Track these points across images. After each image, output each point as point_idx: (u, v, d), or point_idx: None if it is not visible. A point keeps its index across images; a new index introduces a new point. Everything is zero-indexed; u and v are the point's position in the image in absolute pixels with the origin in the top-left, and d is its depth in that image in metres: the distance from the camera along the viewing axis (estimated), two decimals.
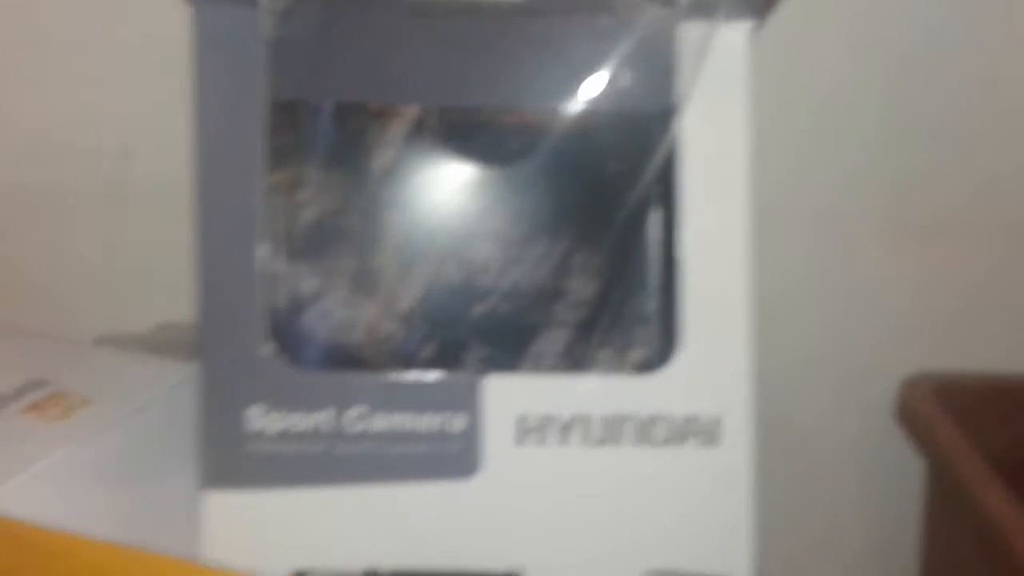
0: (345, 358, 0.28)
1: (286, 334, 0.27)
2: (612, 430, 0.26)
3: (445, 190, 0.29)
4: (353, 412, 0.26)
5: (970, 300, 0.38)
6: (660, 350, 0.28)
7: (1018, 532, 0.28)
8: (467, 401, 0.26)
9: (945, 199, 0.37)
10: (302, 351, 0.28)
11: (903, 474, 0.37)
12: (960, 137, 0.37)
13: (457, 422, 0.26)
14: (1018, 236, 0.38)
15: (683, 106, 0.26)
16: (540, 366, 0.28)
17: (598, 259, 0.29)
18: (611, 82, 0.27)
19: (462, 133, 0.29)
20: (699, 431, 0.26)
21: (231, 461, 0.25)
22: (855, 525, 0.39)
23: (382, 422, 0.26)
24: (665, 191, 0.27)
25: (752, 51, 0.26)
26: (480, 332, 0.29)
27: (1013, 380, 0.37)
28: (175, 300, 0.35)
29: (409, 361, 0.28)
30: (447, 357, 0.28)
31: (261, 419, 0.26)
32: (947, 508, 0.34)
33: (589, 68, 0.27)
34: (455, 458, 0.26)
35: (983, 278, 0.38)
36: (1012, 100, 0.37)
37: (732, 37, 0.26)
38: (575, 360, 0.28)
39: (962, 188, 0.37)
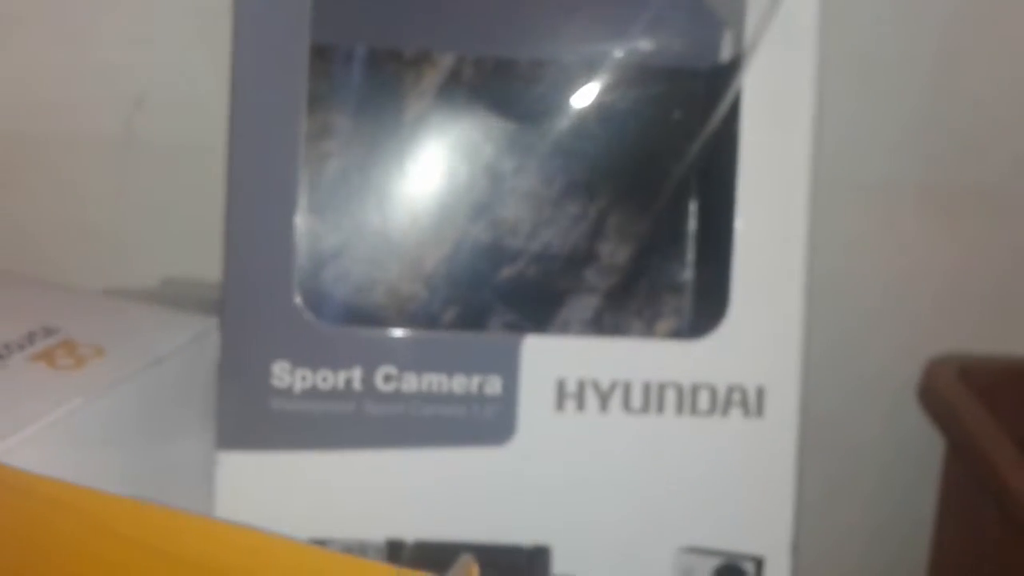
0: (364, 318, 0.27)
1: (308, 291, 0.26)
2: (654, 398, 0.25)
3: (478, 145, 0.28)
4: (384, 371, 0.24)
5: (1005, 280, 0.37)
6: (692, 322, 0.27)
7: None
8: (504, 363, 0.25)
9: (985, 173, 0.36)
10: (325, 309, 0.27)
11: (925, 457, 0.36)
12: (1001, 111, 0.36)
13: (493, 384, 0.25)
14: None
15: (747, 62, 0.25)
16: (567, 333, 0.27)
17: (634, 223, 0.28)
18: (657, 34, 0.26)
19: (498, 85, 0.28)
20: (744, 401, 0.25)
21: (252, 420, 0.24)
22: (873, 509, 0.38)
23: (414, 383, 0.24)
24: (716, 154, 0.26)
25: (824, 9, 0.25)
26: (506, 296, 0.28)
27: None
28: (182, 255, 0.34)
29: (431, 324, 0.27)
30: (470, 321, 0.27)
31: (287, 376, 0.24)
32: (968, 490, 0.34)
33: (635, 19, 0.26)
34: (490, 423, 0.24)
35: (1020, 256, 0.37)
36: None
37: None
38: (603, 329, 0.27)
39: (1002, 163, 0.36)
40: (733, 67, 0.26)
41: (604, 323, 0.28)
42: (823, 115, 0.35)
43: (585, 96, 0.27)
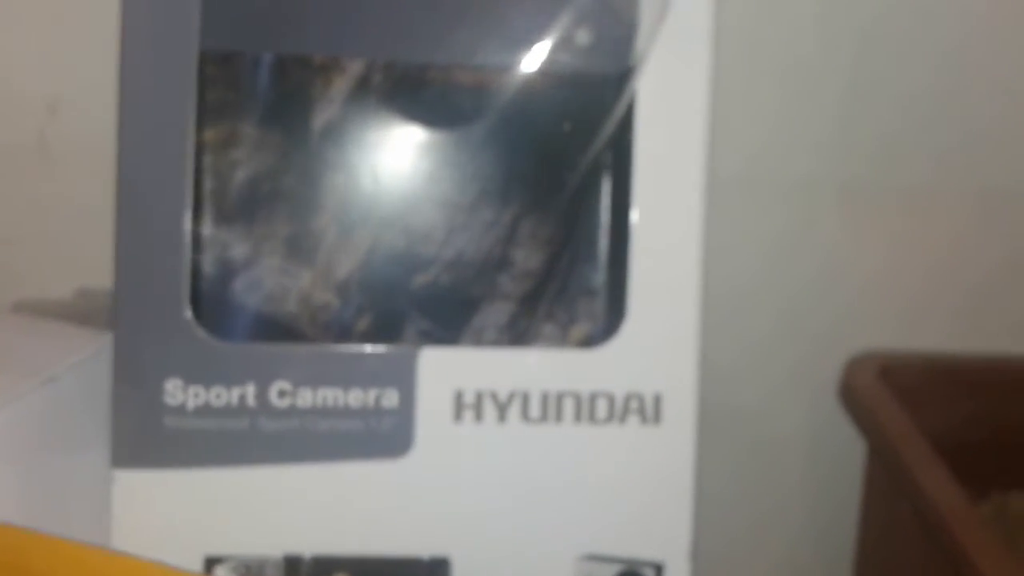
0: (277, 330, 0.26)
1: (213, 303, 0.26)
2: (552, 407, 0.25)
3: (389, 152, 0.27)
4: (278, 386, 0.24)
5: (928, 276, 0.37)
6: (606, 324, 0.27)
7: (955, 515, 0.28)
8: (401, 375, 0.25)
9: (906, 173, 0.37)
10: (231, 321, 0.26)
11: (847, 455, 0.37)
12: (924, 110, 0.36)
13: (390, 397, 0.24)
14: (978, 211, 0.37)
15: (640, 67, 0.25)
16: (482, 340, 0.27)
17: (547, 228, 0.28)
18: (569, 41, 0.26)
19: (409, 91, 0.27)
20: (641, 409, 0.25)
21: (146, 437, 0.24)
22: (795, 507, 0.39)
23: (309, 397, 0.24)
24: (618, 158, 0.26)
25: (717, 13, 0.25)
26: (420, 304, 0.27)
27: (958, 359, 0.36)
28: (98, 265, 0.34)
29: (344, 333, 0.27)
30: (385, 330, 0.27)
31: (180, 393, 0.24)
32: (887, 489, 0.34)
33: (546, 25, 0.26)
34: (387, 436, 0.24)
35: (943, 255, 0.37)
36: (977, 73, 0.36)
37: None
38: (518, 334, 0.27)
39: (924, 162, 0.37)
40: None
41: (519, 329, 0.28)
42: (749, 116, 0.36)
43: (497, 102, 0.27)
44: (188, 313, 0.24)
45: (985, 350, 0.37)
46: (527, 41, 0.26)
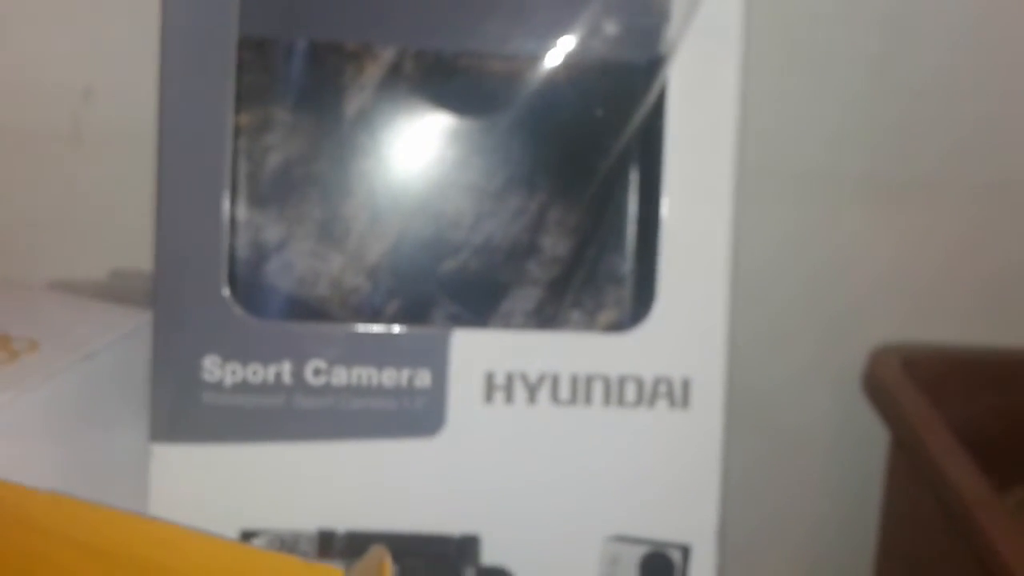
0: (308, 311, 0.27)
1: (246, 284, 0.26)
2: (581, 389, 0.25)
3: (419, 139, 0.28)
4: (314, 364, 0.25)
5: (946, 268, 0.37)
6: (632, 312, 0.27)
7: (980, 505, 0.28)
8: (434, 356, 0.25)
9: (924, 164, 0.37)
10: (263, 302, 0.27)
11: (869, 445, 0.37)
12: (942, 102, 0.36)
13: (423, 378, 0.25)
14: (995, 203, 0.37)
15: (671, 56, 0.25)
16: (510, 325, 0.27)
17: (575, 216, 0.28)
18: (599, 29, 0.26)
19: (439, 79, 0.28)
20: (669, 393, 0.25)
21: (184, 413, 0.24)
22: (818, 495, 0.39)
23: (344, 376, 0.25)
24: (648, 147, 0.26)
25: (748, 3, 0.25)
26: (449, 288, 0.28)
27: (982, 352, 0.36)
28: (132, 247, 0.34)
29: (374, 316, 0.27)
30: (414, 313, 0.27)
31: (217, 369, 0.24)
32: (910, 480, 0.34)
33: (576, 13, 0.26)
34: (419, 415, 0.25)
35: (960, 246, 0.37)
36: (993, 65, 0.36)
37: None
38: (545, 320, 0.27)
39: (942, 153, 0.37)
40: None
41: (546, 315, 0.28)
42: (766, 107, 0.36)
43: (526, 90, 0.27)
44: (226, 291, 0.25)
45: (1002, 341, 0.37)
46: (557, 30, 0.26)
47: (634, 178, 0.28)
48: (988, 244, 0.37)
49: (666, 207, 0.25)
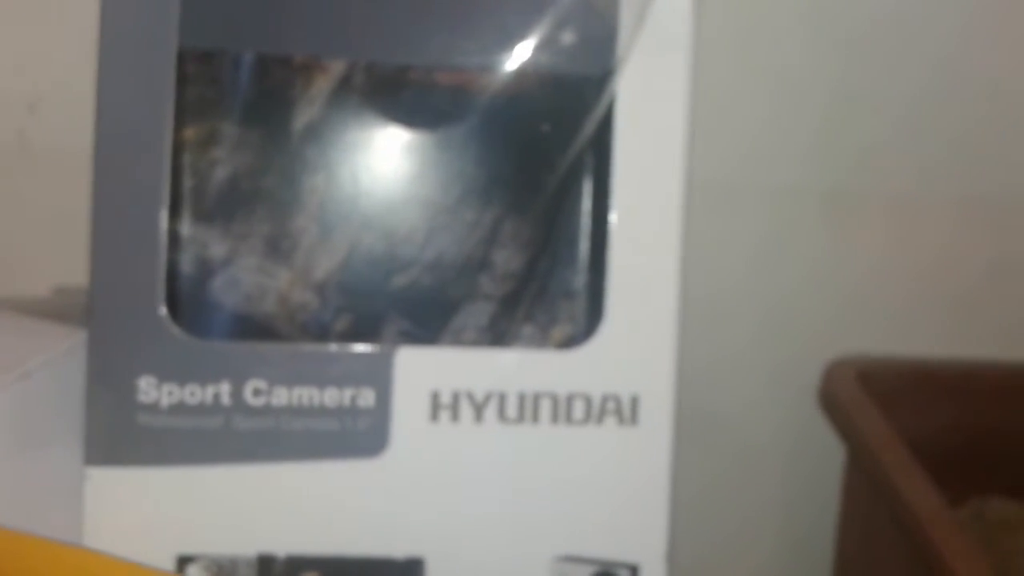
0: (255, 329, 0.26)
1: (191, 302, 0.26)
2: (529, 407, 0.25)
3: (370, 153, 0.27)
4: (253, 384, 0.24)
5: (911, 284, 0.38)
6: (585, 327, 0.26)
7: (932, 520, 0.28)
8: (378, 375, 0.24)
9: (889, 180, 0.37)
10: (209, 320, 0.26)
11: (825, 460, 0.37)
12: (908, 118, 0.36)
13: (366, 397, 0.24)
14: (961, 219, 0.37)
15: (619, 69, 0.25)
16: (462, 341, 0.27)
17: (528, 229, 0.28)
18: (551, 42, 0.26)
19: (390, 92, 0.27)
20: (618, 410, 0.25)
21: (119, 435, 0.24)
22: (774, 511, 0.39)
23: (284, 396, 0.24)
24: (600, 160, 0.26)
25: (697, 15, 0.25)
26: (400, 305, 0.27)
27: (937, 364, 0.37)
28: (77, 263, 0.34)
29: (323, 334, 0.26)
30: (364, 330, 0.27)
31: (153, 390, 0.24)
32: (865, 494, 0.34)
33: (528, 26, 0.26)
34: (362, 435, 0.24)
35: (926, 262, 0.38)
36: (961, 80, 0.36)
37: None
38: (498, 335, 0.27)
39: (907, 169, 0.37)
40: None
41: (499, 330, 0.28)
42: (734, 123, 0.36)
43: (477, 103, 0.27)
44: (163, 310, 0.24)
45: (968, 356, 0.37)
46: (508, 42, 0.26)
47: (587, 191, 0.27)
48: (954, 260, 0.38)
49: (614, 222, 0.25)
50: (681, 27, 0.25)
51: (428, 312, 0.27)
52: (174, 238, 0.25)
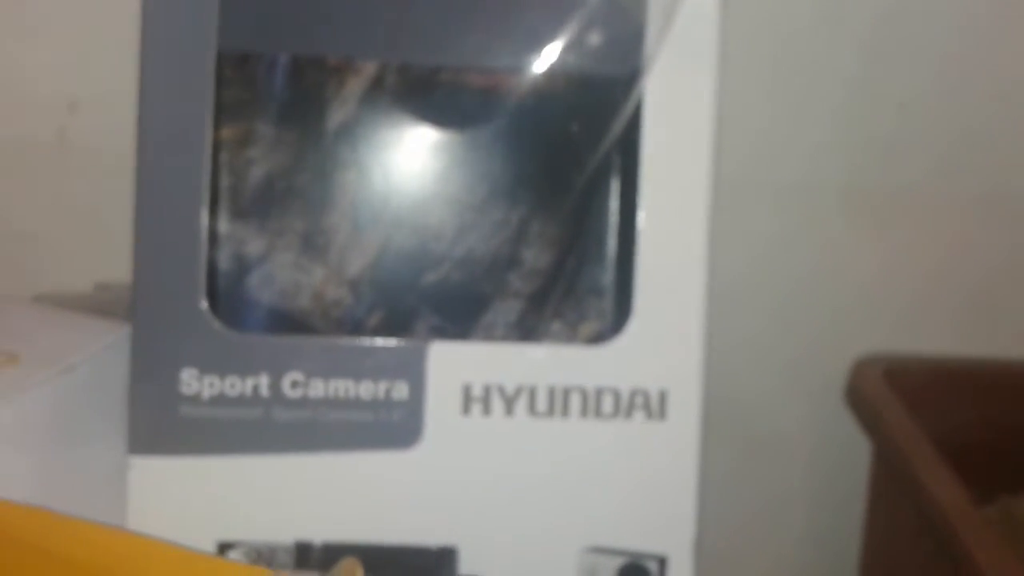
0: (290, 324, 0.27)
1: (228, 297, 0.26)
2: (559, 402, 0.25)
3: (401, 152, 0.28)
4: (291, 377, 0.25)
5: (928, 280, 0.38)
6: (614, 323, 0.27)
7: (959, 517, 0.28)
8: (411, 368, 0.25)
9: (907, 175, 0.37)
10: (245, 315, 0.27)
11: (851, 456, 0.37)
12: (924, 113, 0.36)
13: (400, 390, 0.25)
14: (978, 214, 0.37)
15: (647, 70, 0.25)
16: (491, 336, 0.27)
17: (556, 228, 0.28)
18: (579, 43, 0.26)
19: (421, 93, 0.28)
20: (646, 404, 0.25)
21: (161, 425, 0.24)
22: (799, 506, 0.39)
23: (321, 388, 0.25)
24: (627, 158, 0.27)
25: (724, 16, 0.25)
26: (431, 301, 0.28)
27: (964, 363, 0.37)
28: (117, 259, 0.34)
29: (356, 329, 0.27)
30: (396, 326, 0.27)
31: (195, 382, 0.25)
32: (891, 491, 0.34)
33: (556, 28, 0.26)
34: (396, 427, 0.25)
35: (942, 257, 0.38)
36: (976, 76, 0.36)
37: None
38: (527, 331, 0.27)
39: (925, 164, 0.37)
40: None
41: (528, 327, 0.28)
42: (750, 119, 0.36)
43: (507, 103, 0.28)
44: (204, 304, 0.25)
45: (985, 352, 0.37)
46: (537, 43, 0.27)
47: (615, 190, 0.28)
48: (971, 256, 0.38)
49: (642, 219, 0.26)
50: (708, 27, 0.25)
51: (458, 308, 0.28)
52: (212, 235, 0.26)
